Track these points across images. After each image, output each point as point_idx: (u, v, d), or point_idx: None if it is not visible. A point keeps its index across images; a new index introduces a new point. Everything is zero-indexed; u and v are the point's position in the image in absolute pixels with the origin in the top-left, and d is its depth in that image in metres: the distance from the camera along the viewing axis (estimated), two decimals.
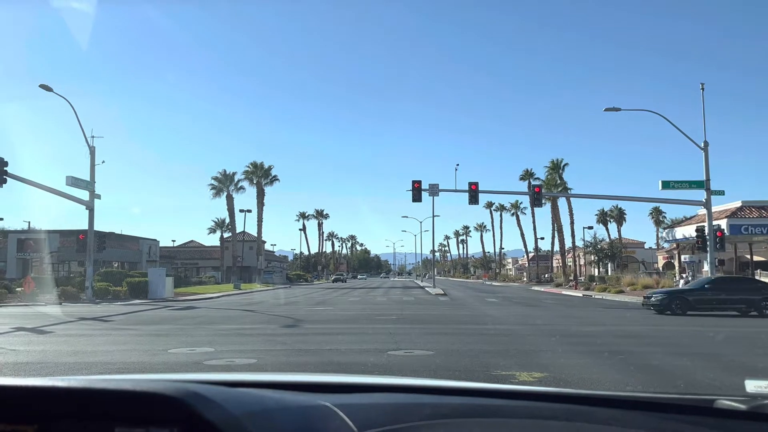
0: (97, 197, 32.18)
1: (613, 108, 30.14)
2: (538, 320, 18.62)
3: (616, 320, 19.24)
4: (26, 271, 45.43)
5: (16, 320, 19.19)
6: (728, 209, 40.66)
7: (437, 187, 33.73)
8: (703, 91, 29.66)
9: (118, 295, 34.45)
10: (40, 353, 11.09)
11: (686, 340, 13.48)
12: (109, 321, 19.46)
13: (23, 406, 1.07)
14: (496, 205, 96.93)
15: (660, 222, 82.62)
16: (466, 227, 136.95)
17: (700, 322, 17.92)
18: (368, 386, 1.54)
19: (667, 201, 35.46)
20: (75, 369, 9.21)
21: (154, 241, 65.11)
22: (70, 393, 1.06)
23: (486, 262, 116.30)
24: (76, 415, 1.05)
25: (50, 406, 1.06)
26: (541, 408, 1.36)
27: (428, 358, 10.14)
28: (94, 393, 1.06)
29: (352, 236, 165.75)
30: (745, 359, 10.39)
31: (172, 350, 11.28)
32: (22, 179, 26.77)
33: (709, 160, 29.32)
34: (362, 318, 19.12)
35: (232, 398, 1.07)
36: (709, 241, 28.68)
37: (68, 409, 1.05)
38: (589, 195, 41.26)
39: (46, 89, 28.72)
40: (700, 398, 1.43)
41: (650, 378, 8.29)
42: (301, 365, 9.56)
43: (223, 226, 73.45)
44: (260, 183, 66.47)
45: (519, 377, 8.22)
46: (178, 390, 1.01)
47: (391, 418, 1.19)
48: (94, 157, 32.27)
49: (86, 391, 1.06)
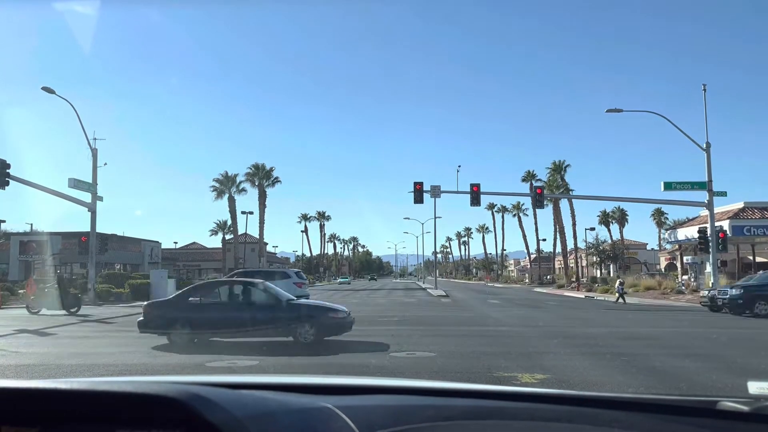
0: (99, 199, 32.21)
1: (615, 109, 30.14)
2: (540, 322, 18.59)
3: (618, 321, 19.20)
4: (28, 273, 45.46)
5: (18, 322, 19.21)
6: (730, 210, 40.59)
7: (439, 189, 33.75)
8: (705, 91, 29.67)
9: (120, 297, 34.48)
10: (42, 355, 11.10)
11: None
12: (111, 323, 19.48)
13: (25, 408, 1.07)
14: (497, 207, 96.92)
15: (662, 223, 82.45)
16: (468, 229, 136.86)
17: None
18: (370, 388, 1.54)
19: (669, 202, 35.41)
20: (77, 371, 9.22)
21: (156, 243, 65.16)
22: (72, 395, 1.06)
23: (488, 263, 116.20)
24: (78, 417, 1.05)
25: (52, 408, 1.06)
26: (543, 410, 1.36)
27: (430, 359, 10.13)
28: (95, 395, 1.06)
29: (354, 238, 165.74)
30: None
31: (174, 353, 11.28)
32: (24, 181, 26.82)
33: (711, 161, 29.31)
34: (364, 320, 19.08)
35: (234, 400, 1.07)
36: (712, 242, 28.64)
37: (70, 411, 1.05)
38: (591, 196, 41.22)
39: (48, 92, 28.77)
40: (703, 400, 1.43)
41: (653, 380, 8.28)
42: (302, 367, 9.57)
43: (225, 227, 73.43)
44: (262, 185, 66.46)
45: (521, 379, 8.21)
46: (179, 392, 1.01)
47: (393, 419, 1.19)
48: (96, 159, 32.31)
49: (88, 393, 1.06)
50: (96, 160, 32.32)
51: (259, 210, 66.90)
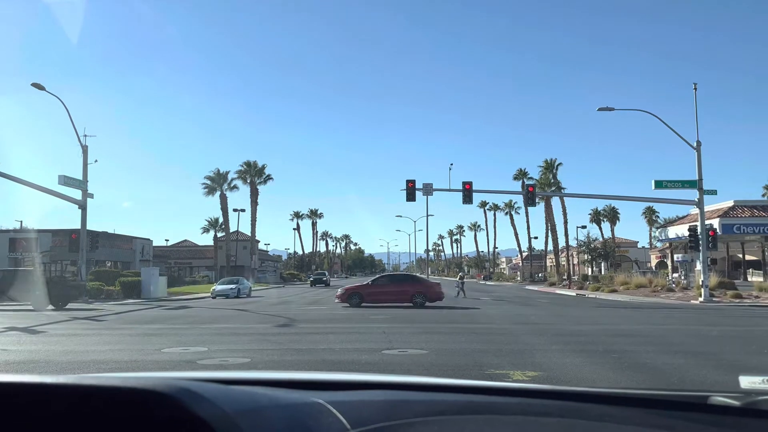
0: (90, 196, 32.02)
1: (606, 108, 30.23)
2: (531, 319, 18.65)
3: (609, 318, 19.29)
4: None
5: (7, 320, 19.08)
6: (721, 209, 40.87)
7: (431, 187, 33.74)
8: (696, 90, 29.81)
9: (111, 294, 34.29)
10: (31, 353, 11.02)
11: (682, 338, 13.52)
12: (102, 320, 19.37)
13: (11, 403, 1.05)
14: (489, 205, 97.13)
15: (653, 221, 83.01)
16: (460, 227, 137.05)
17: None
18: (361, 383, 1.52)
19: (660, 200, 35.61)
20: (66, 368, 9.16)
21: (148, 241, 64.84)
22: (59, 389, 1.04)
23: (480, 261, 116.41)
24: (66, 412, 1.03)
25: (38, 402, 1.04)
26: (534, 404, 1.35)
27: (422, 357, 10.14)
28: (83, 389, 1.04)
29: (347, 236, 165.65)
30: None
31: (165, 350, 11.24)
32: (13, 178, 26.59)
33: (702, 159, 29.47)
34: (355, 317, 19.10)
35: (224, 395, 1.05)
36: (702, 240, 28.81)
37: (57, 405, 1.03)
38: (583, 194, 41.35)
39: (38, 88, 28.54)
40: (694, 394, 1.43)
41: (644, 376, 8.32)
42: (294, 364, 9.55)
43: (217, 225, 73.11)
44: (254, 182, 66.29)
45: (513, 376, 8.23)
46: (168, 386, 1.00)
47: (385, 414, 1.18)
48: (86, 156, 32.10)
49: (75, 388, 1.05)
50: (86, 156, 32.13)
51: (251, 207, 66.78)
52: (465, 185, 31.66)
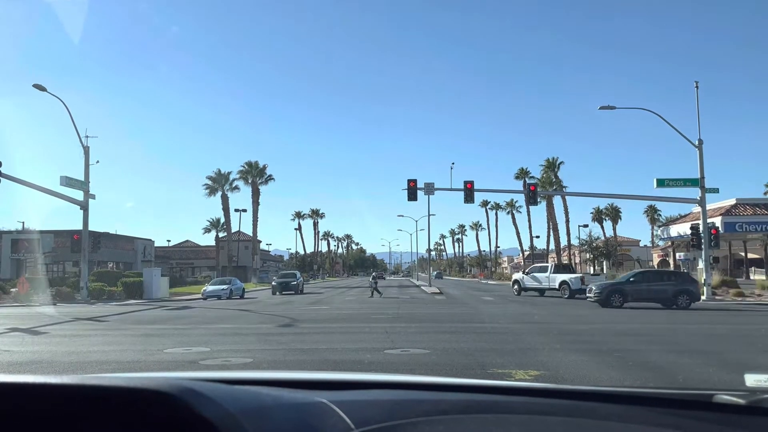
0: (92, 197, 32.06)
1: (608, 106, 30.20)
2: (534, 318, 18.63)
3: (612, 317, 19.26)
4: (20, 271, 45.18)
5: (10, 321, 19.11)
6: (723, 207, 40.81)
7: (433, 186, 33.74)
8: (698, 89, 29.76)
9: (113, 295, 34.35)
10: (34, 353, 11.04)
11: (686, 337, 13.51)
12: (104, 321, 19.40)
13: (14, 404, 1.05)
14: (491, 204, 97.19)
15: (655, 220, 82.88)
16: (462, 226, 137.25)
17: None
18: (365, 383, 1.52)
19: (662, 199, 35.55)
20: (69, 369, 9.18)
21: (149, 241, 64.95)
22: (62, 390, 1.04)
23: (482, 260, 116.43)
24: (69, 412, 1.03)
25: (43, 402, 1.04)
26: (539, 404, 1.35)
27: (425, 356, 10.13)
28: (87, 390, 1.04)
29: (348, 235, 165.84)
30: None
31: (168, 350, 11.24)
32: (15, 179, 26.64)
33: (704, 158, 29.44)
34: (358, 316, 19.11)
35: (228, 395, 1.05)
36: (704, 238, 28.77)
37: (60, 406, 1.03)
38: (584, 193, 41.39)
39: (39, 89, 28.58)
40: (700, 393, 1.42)
41: (648, 375, 8.31)
42: (297, 364, 9.55)
43: (219, 225, 73.22)
44: (255, 182, 66.33)
45: (515, 375, 8.21)
46: (172, 386, 0.99)
47: (388, 414, 1.18)
48: (88, 156, 32.15)
49: (79, 388, 1.04)
50: (88, 157, 32.17)
51: (252, 208, 66.87)
52: (466, 184, 31.65)
